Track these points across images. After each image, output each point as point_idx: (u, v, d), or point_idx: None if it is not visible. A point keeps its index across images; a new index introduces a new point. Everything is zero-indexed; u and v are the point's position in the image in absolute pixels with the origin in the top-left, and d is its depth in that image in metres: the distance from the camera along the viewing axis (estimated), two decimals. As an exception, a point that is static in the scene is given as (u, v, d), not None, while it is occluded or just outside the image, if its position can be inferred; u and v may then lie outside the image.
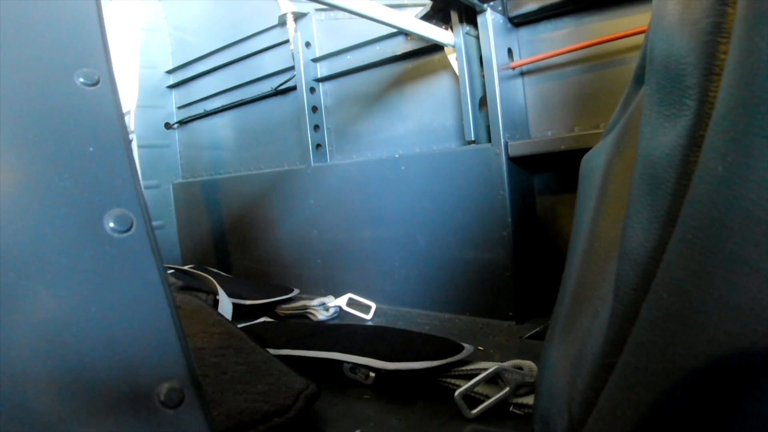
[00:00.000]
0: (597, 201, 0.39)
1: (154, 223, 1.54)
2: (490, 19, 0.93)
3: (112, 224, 0.18)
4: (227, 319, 0.89)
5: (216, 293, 1.08)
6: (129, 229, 0.18)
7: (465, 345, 0.71)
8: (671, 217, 0.25)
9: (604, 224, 0.36)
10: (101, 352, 0.18)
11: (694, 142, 0.25)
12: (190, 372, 0.20)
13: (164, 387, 0.18)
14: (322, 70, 1.29)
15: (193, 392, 0.20)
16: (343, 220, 1.20)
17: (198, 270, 1.23)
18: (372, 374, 0.75)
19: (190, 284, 1.14)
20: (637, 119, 0.34)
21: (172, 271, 1.27)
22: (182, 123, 1.69)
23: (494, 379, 0.60)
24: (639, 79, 0.38)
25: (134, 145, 1.42)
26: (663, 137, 0.26)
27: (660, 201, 0.26)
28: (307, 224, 1.27)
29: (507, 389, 0.59)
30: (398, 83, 1.15)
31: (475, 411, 0.59)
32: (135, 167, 0.19)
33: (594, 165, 0.43)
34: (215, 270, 1.44)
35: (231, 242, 1.50)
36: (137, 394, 0.18)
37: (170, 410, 0.18)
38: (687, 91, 0.25)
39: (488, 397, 0.60)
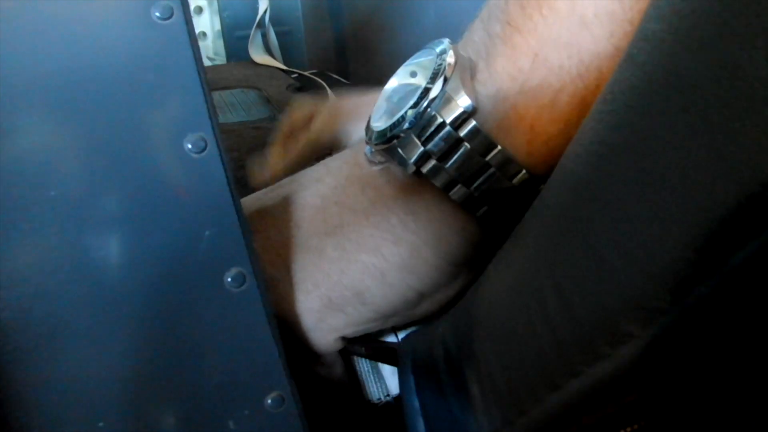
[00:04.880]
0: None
1: (281, 29, 1.57)
2: None
3: (189, 146, 0.23)
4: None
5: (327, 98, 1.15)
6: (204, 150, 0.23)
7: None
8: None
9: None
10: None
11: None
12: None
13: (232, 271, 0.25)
14: None
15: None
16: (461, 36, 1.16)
17: (317, 77, 1.29)
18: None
19: (306, 87, 1.23)
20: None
21: (295, 75, 1.35)
22: None
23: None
24: None
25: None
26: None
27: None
28: (426, 38, 1.24)
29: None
30: None
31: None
32: (210, 99, 0.23)
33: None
34: (335, 76, 1.49)
35: (351, 49, 1.51)
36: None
37: (236, 288, 0.25)
38: None
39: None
